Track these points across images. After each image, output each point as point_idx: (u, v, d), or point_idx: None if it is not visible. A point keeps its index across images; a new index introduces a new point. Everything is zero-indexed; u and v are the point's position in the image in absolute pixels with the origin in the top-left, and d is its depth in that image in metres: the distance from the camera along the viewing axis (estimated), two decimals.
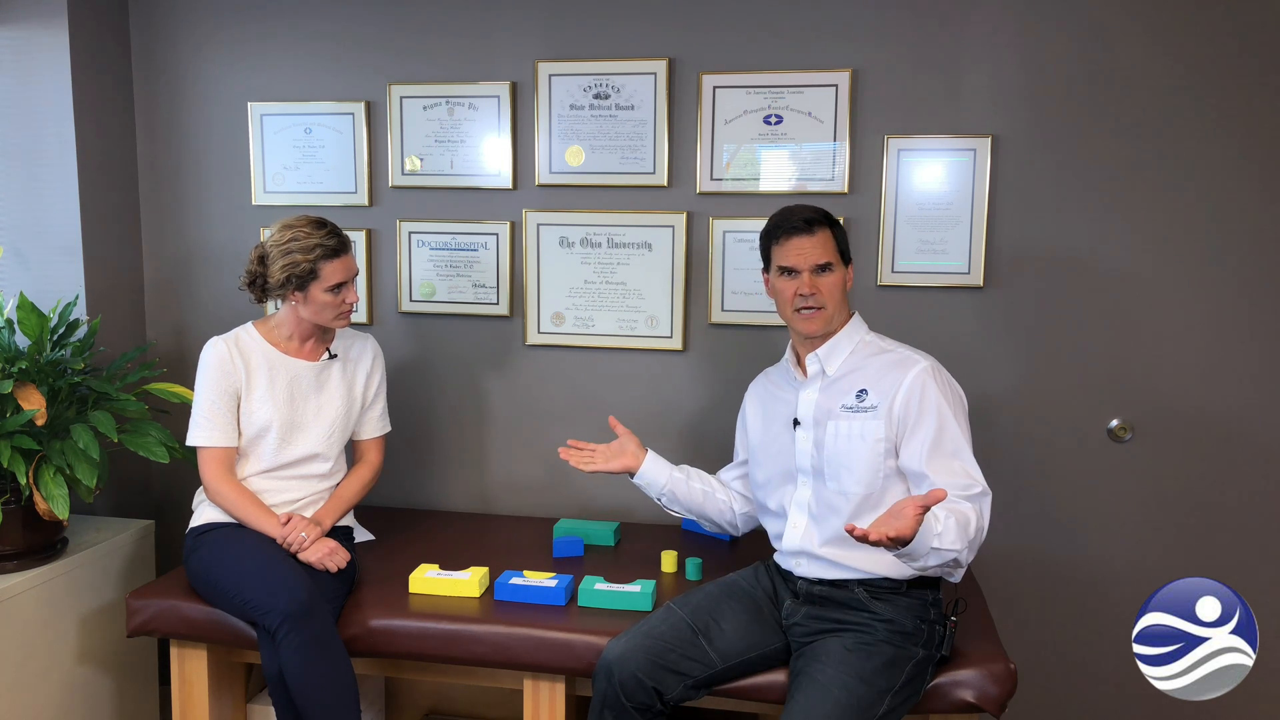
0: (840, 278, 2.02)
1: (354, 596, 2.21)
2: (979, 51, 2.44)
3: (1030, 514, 2.56)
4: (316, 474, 2.34)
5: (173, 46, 2.81)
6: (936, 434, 1.91)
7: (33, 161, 2.67)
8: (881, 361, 2.01)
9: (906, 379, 1.95)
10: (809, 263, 1.98)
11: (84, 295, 2.68)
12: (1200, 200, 2.40)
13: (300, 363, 2.32)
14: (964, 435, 1.93)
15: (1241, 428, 2.45)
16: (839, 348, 2.04)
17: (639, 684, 1.90)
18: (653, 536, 2.57)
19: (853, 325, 2.06)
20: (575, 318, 2.70)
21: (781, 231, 2.02)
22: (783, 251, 2.01)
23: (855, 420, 1.97)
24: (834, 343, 2.04)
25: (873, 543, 1.67)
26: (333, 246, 2.21)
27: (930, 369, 1.96)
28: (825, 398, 2.02)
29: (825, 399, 2.02)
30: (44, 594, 2.35)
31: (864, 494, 1.97)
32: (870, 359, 2.02)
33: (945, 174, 2.48)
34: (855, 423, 1.97)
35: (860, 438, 1.97)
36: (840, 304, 2.03)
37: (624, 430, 2.28)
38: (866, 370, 2.01)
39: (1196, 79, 2.36)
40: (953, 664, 1.95)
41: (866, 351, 2.03)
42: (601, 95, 2.61)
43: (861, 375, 2.01)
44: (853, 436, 1.97)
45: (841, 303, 2.04)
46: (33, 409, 2.24)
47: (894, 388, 1.96)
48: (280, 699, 2.06)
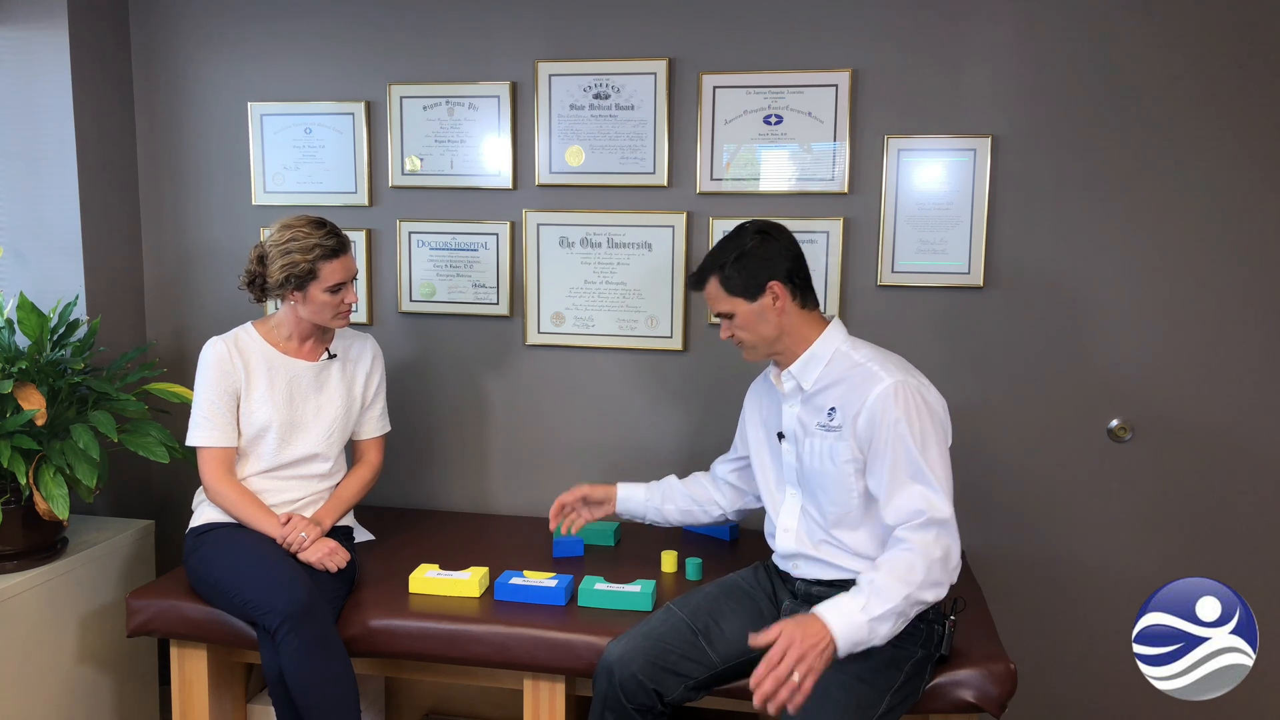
0: (747, 315, 1.95)
1: (354, 596, 2.21)
2: (979, 51, 2.44)
3: (1030, 514, 2.56)
4: (316, 474, 2.34)
5: (173, 46, 2.82)
6: (893, 458, 1.85)
7: (33, 161, 2.67)
8: (851, 377, 1.92)
9: (868, 399, 1.87)
10: (714, 312, 2.01)
11: (84, 295, 2.68)
12: (1200, 199, 2.40)
13: (300, 363, 2.32)
14: (924, 457, 1.83)
15: (1242, 428, 2.45)
16: (813, 362, 1.97)
17: (639, 685, 1.90)
18: (653, 536, 2.57)
19: (827, 336, 1.97)
20: (575, 318, 2.70)
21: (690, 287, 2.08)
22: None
23: (827, 440, 1.94)
24: (807, 357, 1.97)
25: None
26: (332, 247, 2.21)
27: (893, 387, 1.86)
28: (805, 412, 1.99)
29: (805, 414, 1.98)
30: (44, 594, 2.35)
31: (840, 513, 1.95)
32: (845, 373, 1.93)
33: (945, 174, 2.48)
34: (827, 442, 1.94)
35: (830, 458, 1.93)
36: (767, 333, 1.95)
37: (577, 495, 2.29)
38: (837, 387, 1.94)
39: (1197, 78, 2.36)
40: (953, 664, 1.95)
41: (842, 365, 1.94)
42: (601, 95, 2.61)
43: (833, 392, 1.94)
44: (824, 456, 1.94)
45: (769, 331, 1.95)
46: (33, 409, 2.24)
47: (857, 407, 1.88)
48: (280, 699, 2.06)
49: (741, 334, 1.98)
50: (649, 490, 2.30)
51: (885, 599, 1.75)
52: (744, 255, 1.95)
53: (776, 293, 1.94)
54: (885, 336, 2.52)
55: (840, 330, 2.00)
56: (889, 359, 1.94)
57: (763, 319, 1.95)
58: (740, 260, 1.95)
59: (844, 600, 1.77)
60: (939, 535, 1.81)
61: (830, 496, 1.95)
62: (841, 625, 1.73)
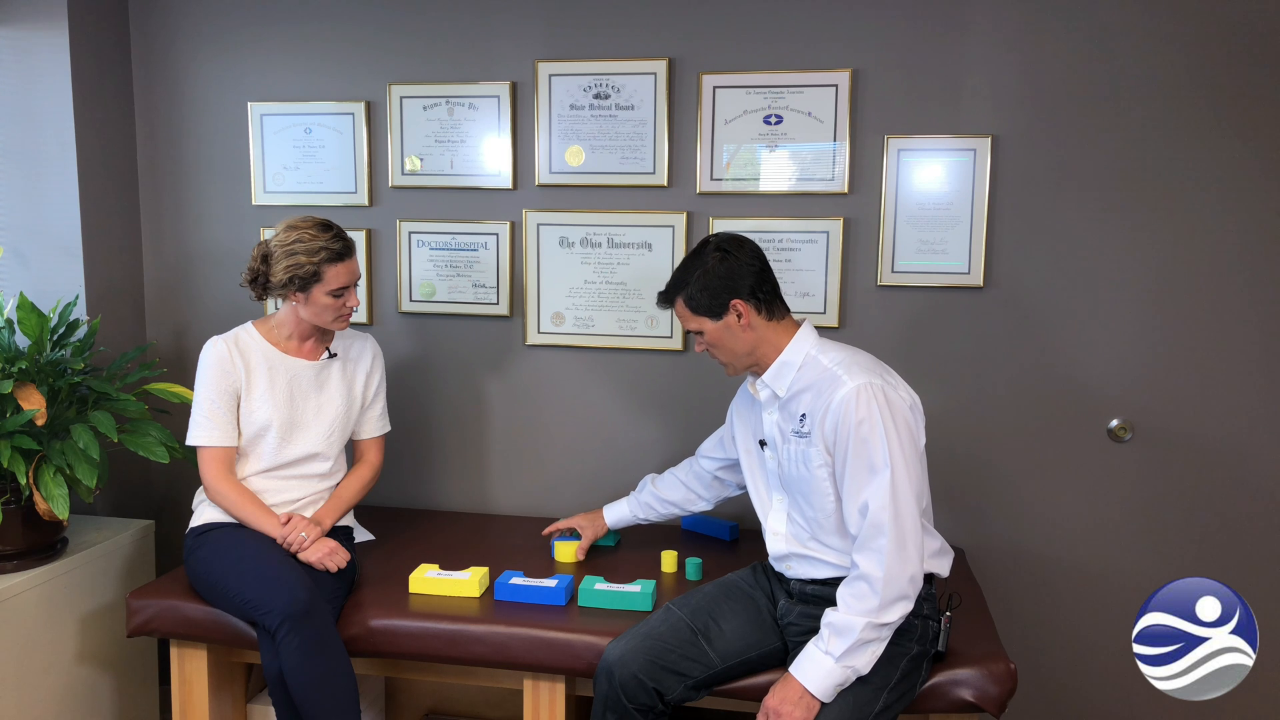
0: (714, 333, 1.96)
1: (354, 596, 2.21)
2: (979, 51, 2.44)
3: (1030, 514, 2.56)
4: (316, 474, 2.34)
5: (173, 47, 2.82)
6: (854, 460, 1.85)
7: (33, 161, 2.67)
8: (819, 383, 1.92)
9: (833, 403, 1.87)
10: (685, 329, 2.04)
11: (84, 295, 2.68)
12: (1200, 199, 2.40)
13: (300, 362, 2.32)
14: (886, 455, 1.81)
15: (1241, 428, 2.45)
16: (785, 369, 1.96)
17: (640, 685, 1.90)
18: (653, 536, 2.57)
19: (797, 342, 1.96)
20: (575, 318, 2.70)
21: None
22: None
23: (800, 445, 1.94)
24: (779, 365, 1.97)
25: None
26: (338, 250, 2.21)
27: (855, 391, 1.85)
28: (782, 418, 1.99)
29: (783, 420, 1.99)
30: (44, 594, 2.35)
31: (820, 517, 1.95)
32: (814, 379, 1.93)
33: (945, 174, 2.48)
34: (800, 448, 1.94)
35: (805, 464, 1.94)
36: (738, 347, 1.96)
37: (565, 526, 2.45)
38: (807, 393, 1.94)
39: (1197, 79, 2.36)
40: (952, 663, 1.95)
41: (812, 370, 1.94)
42: (601, 95, 2.61)
43: (804, 398, 1.94)
44: (799, 462, 1.95)
45: (740, 345, 1.96)
46: (33, 409, 2.24)
47: (823, 412, 1.89)
48: (280, 699, 2.06)
49: (714, 351, 2.00)
50: (632, 506, 2.42)
51: (846, 636, 1.79)
52: (706, 274, 1.95)
53: (740, 310, 1.94)
54: (885, 336, 2.54)
55: (810, 335, 1.99)
56: (856, 361, 1.92)
57: (730, 335, 1.96)
58: (702, 279, 1.95)
59: (810, 649, 1.83)
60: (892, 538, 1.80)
61: (810, 501, 1.96)
62: (813, 675, 1.80)
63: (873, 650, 1.81)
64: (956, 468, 2.56)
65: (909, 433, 1.87)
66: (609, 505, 2.44)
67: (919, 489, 1.87)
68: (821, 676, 1.79)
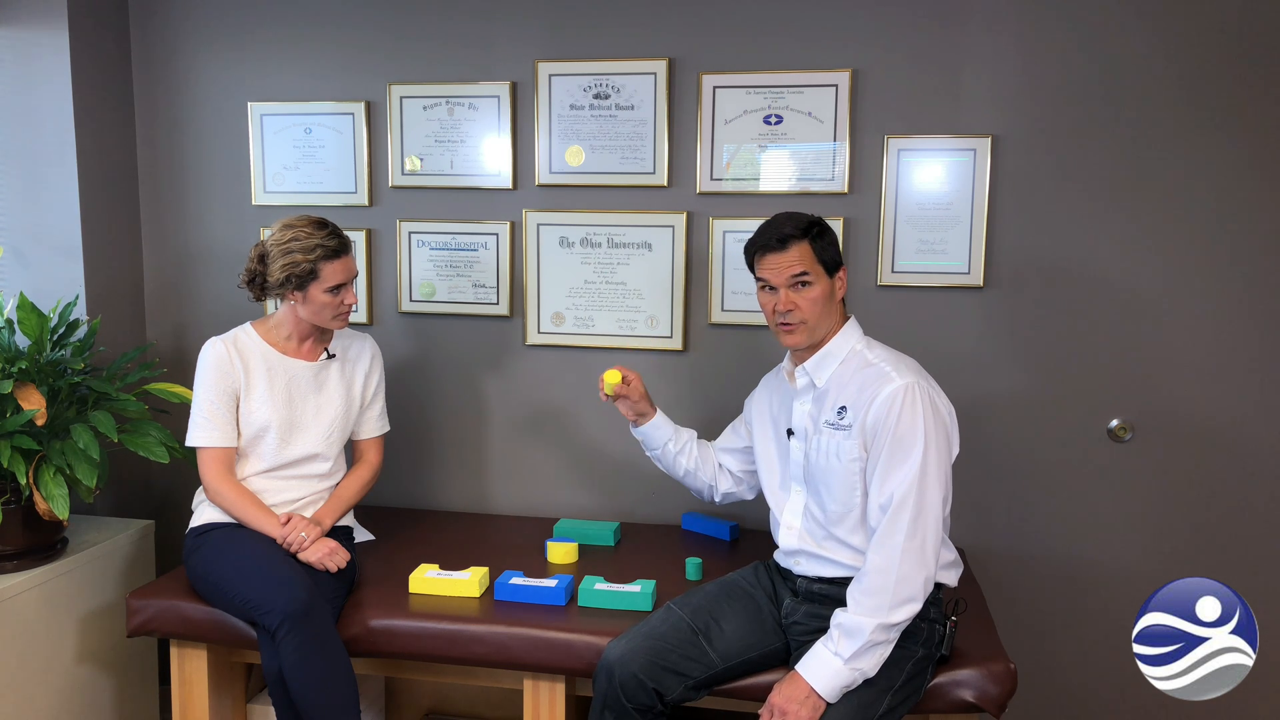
0: (823, 290, 1.94)
1: (354, 596, 2.21)
2: (979, 51, 2.44)
3: (1030, 514, 2.56)
4: (316, 474, 2.34)
5: (173, 47, 2.82)
6: (890, 447, 1.85)
7: (33, 162, 2.67)
8: (863, 377, 1.93)
9: (879, 398, 1.87)
10: (783, 279, 1.93)
11: (84, 295, 2.68)
12: (1201, 199, 2.40)
13: (299, 363, 2.32)
14: (920, 450, 1.83)
15: (1242, 427, 2.45)
16: (828, 359, 1.98)
17: (639, 685, 1.90)
18: (653, 536, 2.57)
19: (844, 334, 1.99)
20: (575, 318, 2.70)
21: (757, 247, 1.98)
22: (760, 266, 1.98)
23: (835, 438, 1.94)
24: (823, 354, 1.98)
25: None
26: (333, 247, 2.21)
27: (904, 388, 1.86)
28: (816, 409, 1.99)
29: (816, 410, 1.99)
30: (44, 594, 2.35)
31: (842, 511, 1.95)
32: (856, 372, 1.94)
33: (945, 174, 2.48)
34: (835, 440, 1.94)
35: (837, 456, 1.93)
36: (823, 315, 1.95)
37: (637, 383, 2.23)
38: (850, 386, 1.94)
39: (1197, 78, 2.36)
40: (953, 664, 1.95)
41: (855, 364, 1.95)
42: (601, 95, 2.61)
43: (845, 391, 1.94)
44: (831, 454, 1.94)
45: (825, 314, 1.95)
46: (33, 409, 2.24)
47: (867, 406, 1.89)
48: (280, 699, 2.06)
49: (811, 305, 1.94)
50: (675, 434, 2.28)
51: (856, 637, 1.79)
52: (827, 231, 1.97)
53: (843, 278, 1.99)
54: (885, 336, 2.51)
55: (856, 329, 2.01)
56: (902, 361, 1.95)
57: (828, 298, 1.96)
58: (827, 235, 1.97)
59: (818, 649, 1.83)
60: (913, 537, 1.81)
61: (834, 495, 1.95)
62: (821, 676, 1.80)
63: (880, 652, 1.81)
64: (956, 467, 2.54)
65: (945, 440, 1.89)
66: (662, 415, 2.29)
67: (945, 495, 1.88)
68: (829, 677, 1.79)
